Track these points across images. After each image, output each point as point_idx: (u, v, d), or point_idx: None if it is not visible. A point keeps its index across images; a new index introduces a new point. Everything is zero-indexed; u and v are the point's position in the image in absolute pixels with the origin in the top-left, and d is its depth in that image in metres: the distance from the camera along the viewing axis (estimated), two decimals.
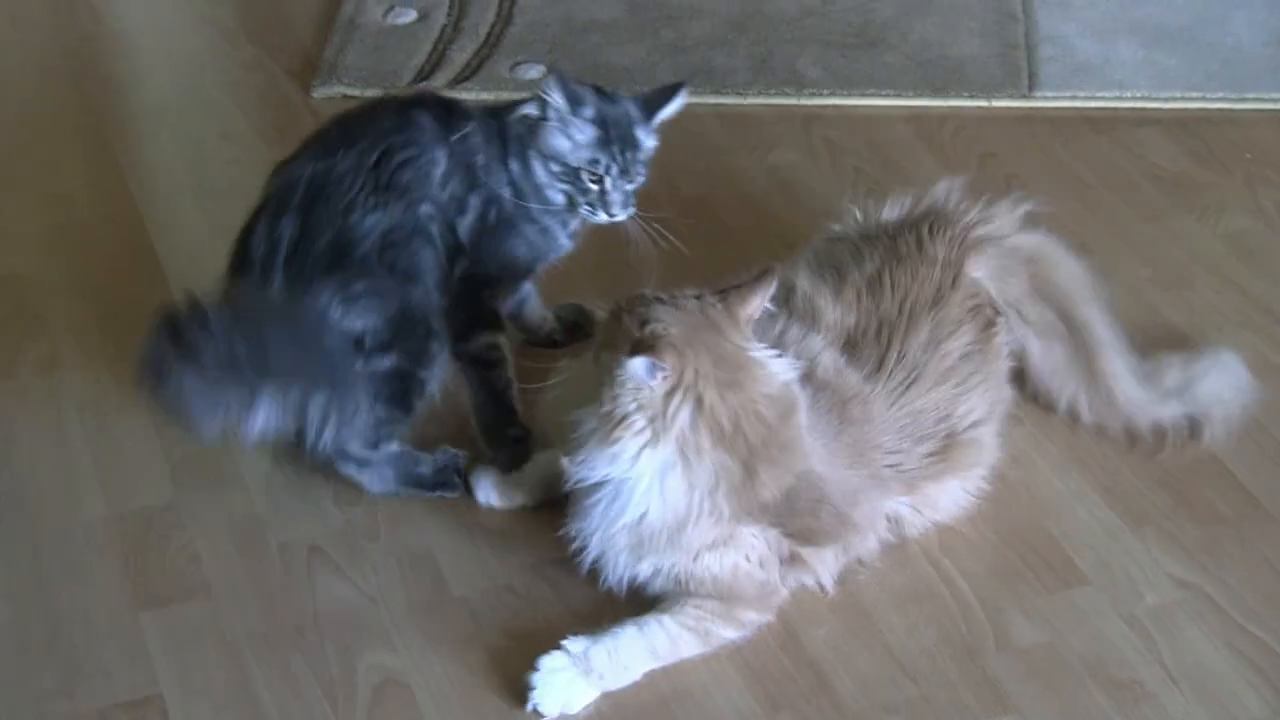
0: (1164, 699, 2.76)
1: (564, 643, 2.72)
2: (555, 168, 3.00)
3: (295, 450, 3.04)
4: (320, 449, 2.99)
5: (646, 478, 2.60)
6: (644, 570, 2.71)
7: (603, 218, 3.01)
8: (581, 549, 2.74)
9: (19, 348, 3.39)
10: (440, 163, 3.01)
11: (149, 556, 3.00)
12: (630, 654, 2.71)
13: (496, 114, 3.09)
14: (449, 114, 3.06)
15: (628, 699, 2.72)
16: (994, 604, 2.89)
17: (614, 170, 2.97)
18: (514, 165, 3.03)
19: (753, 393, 2.60)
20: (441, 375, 3.08)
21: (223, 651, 2.85)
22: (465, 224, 3.06)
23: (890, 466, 2.83)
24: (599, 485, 2.64)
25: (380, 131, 3.00)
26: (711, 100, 3.91)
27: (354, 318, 2.92)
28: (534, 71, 3.97)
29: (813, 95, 3.94)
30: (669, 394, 2.54)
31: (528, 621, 2.89)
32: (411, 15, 4.15)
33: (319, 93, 3.94)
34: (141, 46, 4.16)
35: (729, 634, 2.74)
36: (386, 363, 2.96)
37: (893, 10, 4.13)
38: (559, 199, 3.03)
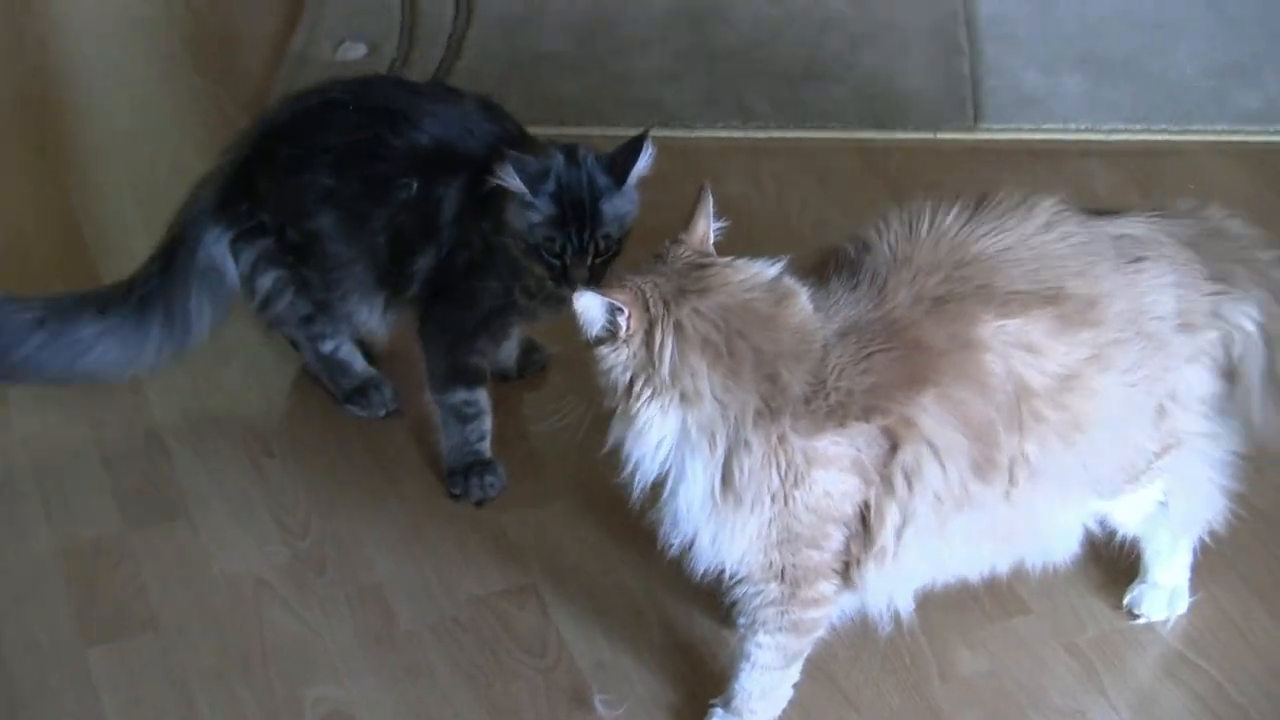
0: None
1: (712, 703, 2.74)
2: (519, 244, 2.99)
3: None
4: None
5: (673, 435, 2.46)
6: (738, 550, 2.54)
7: (565, 290, 2.95)
8: (682, 551, 2.58)
9: None
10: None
11: (96, 589, 3.01)
12: (762, 681, 2.70)
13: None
14: None
15: None
16: (937, 633, 2.90)
17: (570, 250, 2.95)
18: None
19: (732, 290, 2.44)
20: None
21: (170, 684, 2.85)
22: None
23: None
24: (662, 482, 2.52)
25: None
26: (659, 133, 3.90)
27: None
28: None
29: (760, 128, 3.96)
30: (648, 336, 2.40)
31: (475, 654, 2.91)
32: (362, 50, 4.17)
33: None
34: (91, 79, 4.16)
35: (812, 615, 2.63)
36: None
37: (840, 44, 4.16)
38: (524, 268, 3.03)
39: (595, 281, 2.92)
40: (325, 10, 4.28)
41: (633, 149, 2.99)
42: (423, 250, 3.12)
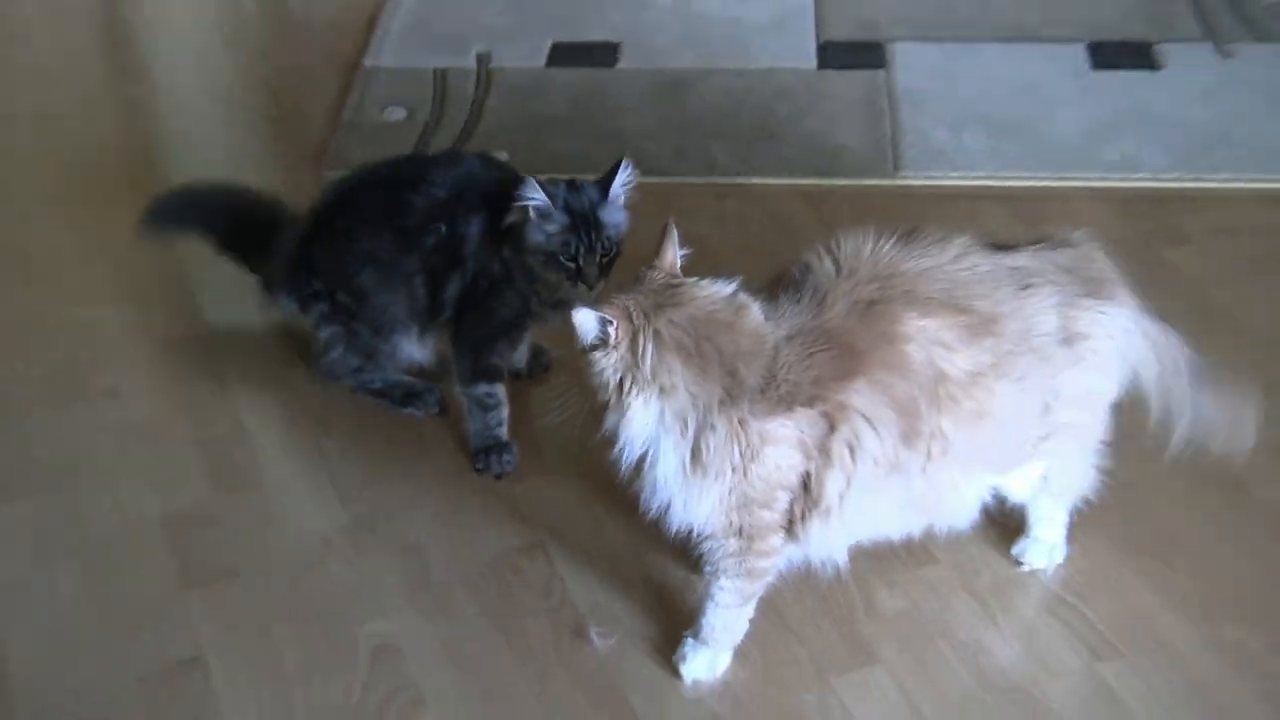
0: (998, 653, 2.79)
1: (685, 634, 2.76)
2: (539, 257, 3.03)
3: None
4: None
5: (653, 421, 2.48)
6: (704, 511, 2.56)
7: (582, 289, 3.02)
8: (658, 513, 2.60)
9: (86, 383, 3.41)
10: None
11: (192, 545, 3.02)
12: (724, 617, 2.71)
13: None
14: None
15: None
16: (864, 579, 2.91)
17: (582, 250, 3.00)
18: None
19: (700, 303, 2.47)
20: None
21: (252, 621, 2.87)
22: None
23: None
24: (644, 459, 2.53)
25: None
26: (641, 180, 3.93)
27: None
28: (501, 157, 3.99)
29: (723, 176, 3.98)
30: (632, 343, 2.43)
31: (495, 596, 2.92)
32: (402, 114, 4.17)
33: (327, 174, 3.94)
34: (192, 139, 4.16)
35: (763, 563, 2.64)
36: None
37: (787, 110, 4.16)
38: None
39: (603, 277, 3.02)
40: (372, 83, 4.28)
41: (614, 169, 3.06)
42: (451, 280, 3.15)
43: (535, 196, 2.98)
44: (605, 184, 3.06)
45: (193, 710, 2.72)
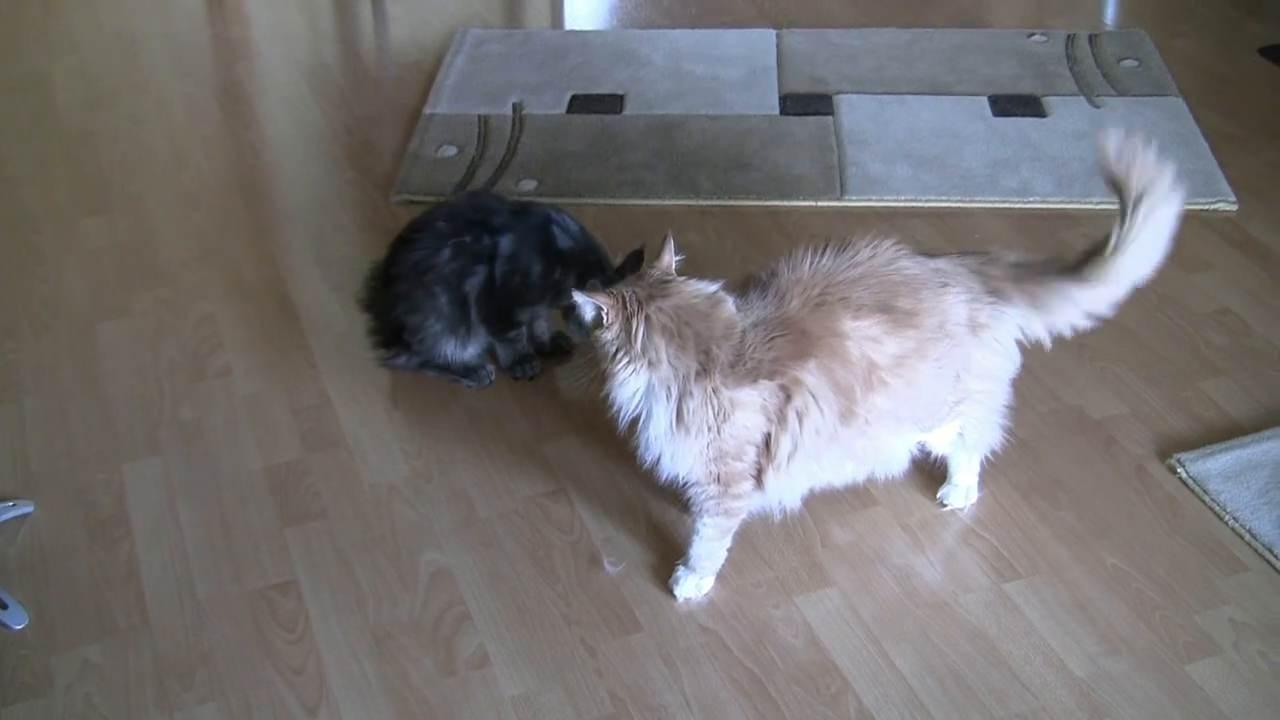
0: (925, 575, 2.76)
1: (677, 562, 2.74)
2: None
3: None
4: None
5: (643, 389, 2.48)
6: (687, 463, 2.54)
7: None
8: (652, 464, 2.58)
9: (206, 363, 3.35)
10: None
11: (288, 491, 2.99)
12: (707, 548, 2.68)
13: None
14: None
15: None
16: (820, 517, 2.88)
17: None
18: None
19: (684, 296, 2.46)
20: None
21: (335, 552, 2.84)
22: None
23: None
24: (638, 420, 2.52)
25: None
26: (640, 202, 3.91)
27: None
28: (528, 185, 3.95)
29: (706, 198, 3.92)
30: (627, 323, 2.43)
31: (528, 532, 2.89)
32: (453, 151, 4.13)
33: (394, 199, 3.92)
34: (285, 171, 4.13)
35: (737, 504, 2.61)
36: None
37: (756, 146, 4.12)
38: None
39: None
40: (430, 127, 4.24)
41: (638, 257, 3.03)
42: (472, 275, 3.11)
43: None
44: (626, 269, 3.01)
45: (289, 623, 2.69)
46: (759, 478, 2.59)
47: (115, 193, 3.99)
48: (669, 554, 2.80)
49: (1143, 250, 2.55)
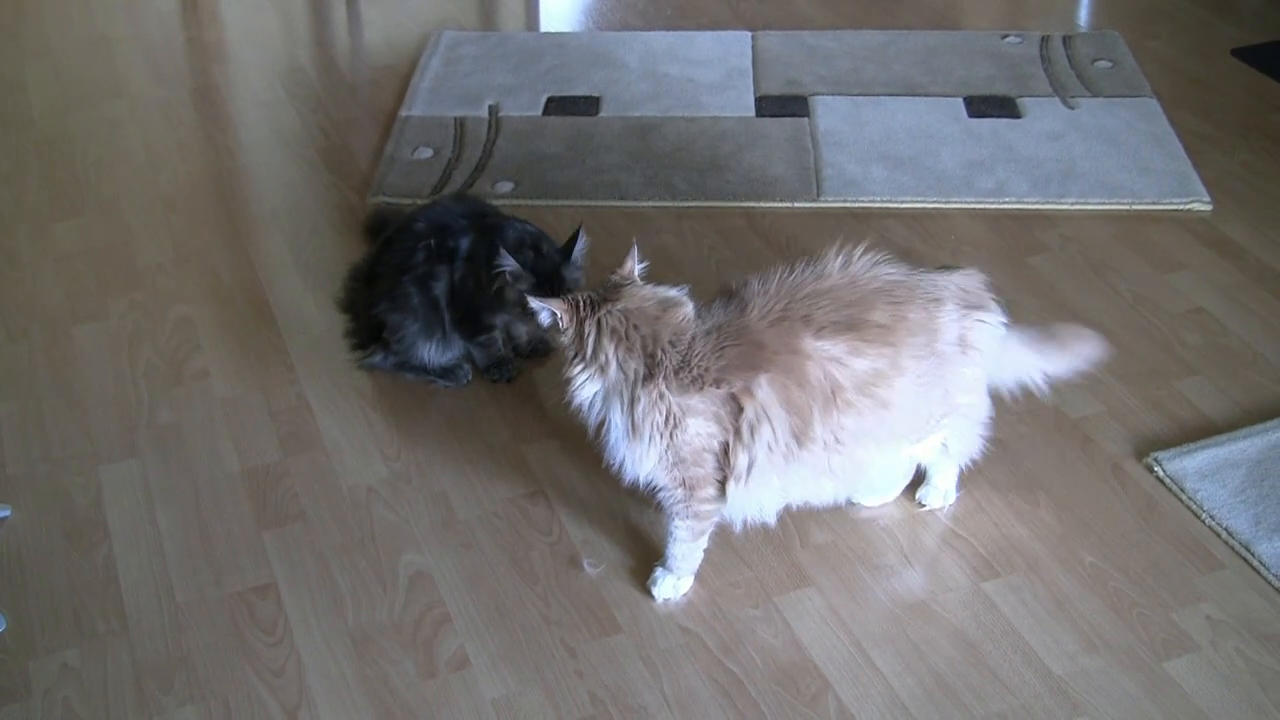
0: (905, 575, 2.77)
1: (656, 563, 2.74)
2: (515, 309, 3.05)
3: None
4: None
5: (600, 392, 2.51)
6: (647, 468, 2.54)
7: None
8: (618, 468, 2.59)
9: (183, 366, 3.34)
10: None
11: (266, 494, 2.98)
12: (682, 549, 2.68)
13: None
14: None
15: None
16: (799, 518, 2.88)
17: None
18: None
19: (636, 299, 2.48)
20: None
21: (313, 555, 2.83)
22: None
23: None
24: (603, 424, 2.53)
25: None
26: (617, 203, 3.91)
27: None
28: (505, 187, 3.95)
29: (682, 200, 3.91)
30: (580, 327, 2.47)
31: (508, 534, 2.88)
32: (429, 153, 4.12)
33: (371, 201, 3.92)
34: (262, 174, 4.11)
35: (706, 508, 2.61)
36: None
37: (731, 148, 4.13)
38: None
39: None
40: (406, 129, 4.23)
41: (574, 237, 3.01)
42: (438, 278, 3.12)
43: (509, 264, 2.93)
44: (568, 249, 3.02)
45: (268, 625, 2.69)
46: (722, 486, 2.59)
47: (90, 196, 3.98)
48: (648, 555, 2.80)
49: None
